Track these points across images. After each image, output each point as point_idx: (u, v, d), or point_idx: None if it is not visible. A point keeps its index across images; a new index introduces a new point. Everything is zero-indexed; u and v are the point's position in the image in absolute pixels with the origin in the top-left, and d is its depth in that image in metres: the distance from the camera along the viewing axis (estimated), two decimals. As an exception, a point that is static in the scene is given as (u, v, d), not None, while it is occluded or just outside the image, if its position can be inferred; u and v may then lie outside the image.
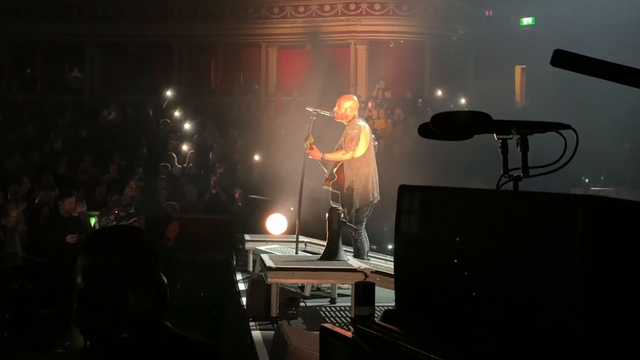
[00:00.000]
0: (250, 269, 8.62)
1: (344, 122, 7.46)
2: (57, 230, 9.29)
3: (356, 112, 7.55)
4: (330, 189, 7.34)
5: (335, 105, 7.53)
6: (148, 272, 2.04)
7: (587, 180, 13.56)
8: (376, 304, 2.52)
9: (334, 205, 7.17)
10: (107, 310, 1.94)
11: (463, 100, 18.69)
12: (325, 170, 7.45)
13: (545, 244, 1.75)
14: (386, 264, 6.98)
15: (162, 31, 21.09)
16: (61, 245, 9.10)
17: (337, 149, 7.39)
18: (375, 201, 7.40)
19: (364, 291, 2.50)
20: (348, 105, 7.45)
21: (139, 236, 2.11)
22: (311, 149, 7.36)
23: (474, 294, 1.98)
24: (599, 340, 1.68)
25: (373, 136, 7.74)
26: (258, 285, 6.42)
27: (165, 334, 2.01)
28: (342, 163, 7.28)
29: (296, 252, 7.80)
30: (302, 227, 8.07)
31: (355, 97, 7.92)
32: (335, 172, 7.29)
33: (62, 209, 9.60)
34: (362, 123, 7.42)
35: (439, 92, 19.55)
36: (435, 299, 2.16)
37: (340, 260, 6.79)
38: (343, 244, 7.10)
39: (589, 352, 1.67)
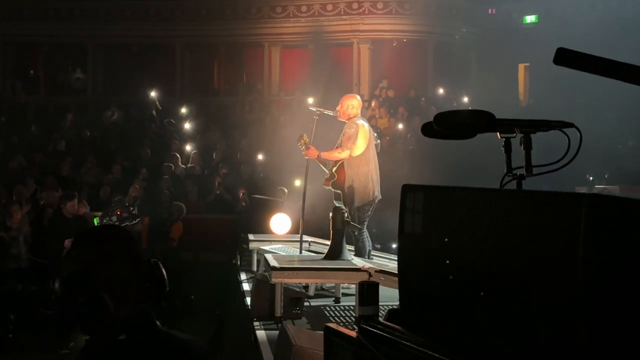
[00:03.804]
0: (255, 268, 8.63)
1: (346, 121, 7.44)
2: (61, 231, 9.31)
3: (358, 111, 7.51)
4: (332, 188, 7.31)
5: (338, 105, 7.50)
6: (127, 272, 2.03)
7: (591, 178, 13.55)
8: (380, 304, 2.52)
9: (337, 205, 7.16)
10: (86, 316, 1.95)
11: (466, 99, 18.68)
12: (326, 170, 7.41)
13: (548, 242, 1.75)
14: (390, 263, 6.99)
15: (164, 31, 21.13)
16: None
17: (335, 148, 7.35)
18: (377, 200, 7.35)
19: (368, 290, 2.50)
20: (350, 103, 7.43)
21: (114, 236, 2.10)
22: (307, 148, 7.31)
23: (478, 293, 1.98)
24: (602, 341, 1.67)
25: (375, 135, 7.71)
26: (262, 285, 6.42)
27: (158, 335, 2.01)
28: (342, 162, 7.25)
29: (300, 252, 7.81)
30: (305, 227, 8.07)
31: (358, 97, 7.89)
32: (335, 172, 7.26)
33: (66, 210, 9.61)
34: (360, 121, 7.35)
35: (442, 91, 19.53)
36: (440, 298, 2.16)
37: (344, 259, 6.78)
38: (346, 244, 7.09)
39: (592, 352, 1.66)
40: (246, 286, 8.03)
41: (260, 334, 5.88)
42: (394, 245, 9.12)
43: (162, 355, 1.98)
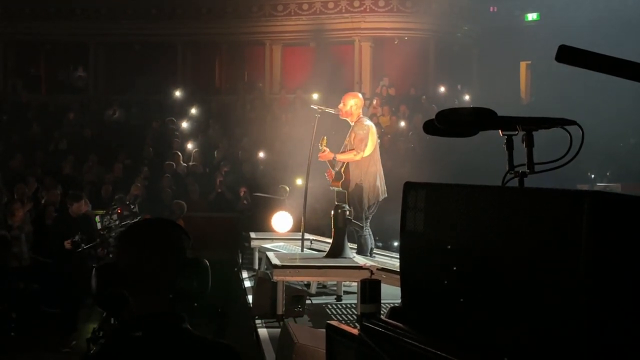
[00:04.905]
0: (256, 267, 8.63)
1: (348, 119, 7.46)
2: (64, 230, 9.28)
3: (361, 110, 7.57)
4: (340, 188, 7.34)
5: (340, 103, 7.53)
6: (154, 271, 2.01)
7: (593, 176, 13.55)
8: (382, 301, 2.52)
9: (339, 203, 7.17)
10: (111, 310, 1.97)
11: (467, 97, 18.67)
12: (332, 170, 7.43)
13: (550, 240, 1.75)
14: (392, 261, 6.99)
15: (166, 30, 21.12)
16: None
17: (345, 150, 7.39)
18: (382, 198, 7.42)
19: (370, 288, 2.50)
20: (353, 102, 7.46)
21: (163, 232, 2.08)
22: (323, 151, 7.37)
23: (479, 291, 1.98)
24: (604, 338, 1.67)
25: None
26: (264, 283, 6.42)
27: (181, 335, 1.98)
28: (349, 163, 7.30)
29: (302, 250, 7.81)
30: (307, 225, 8.07)
31: (360, 95, 7.92)
32: (343, 172, 7.30)
33: (71, 210, 9.58)
34: (369, 123, 7.47)
35: (443, 89, 19.52)
36: (441, 296, 2.16)
37: (346, 257, 6.79)
38: (347, 242, 7.10)
39: (594, 349, 1.66)
40: (248, 284, 8.03)
41: (262, 332, 5.88)
42: (396, 243, 9.11)
43: (182, 356, 1.94)
